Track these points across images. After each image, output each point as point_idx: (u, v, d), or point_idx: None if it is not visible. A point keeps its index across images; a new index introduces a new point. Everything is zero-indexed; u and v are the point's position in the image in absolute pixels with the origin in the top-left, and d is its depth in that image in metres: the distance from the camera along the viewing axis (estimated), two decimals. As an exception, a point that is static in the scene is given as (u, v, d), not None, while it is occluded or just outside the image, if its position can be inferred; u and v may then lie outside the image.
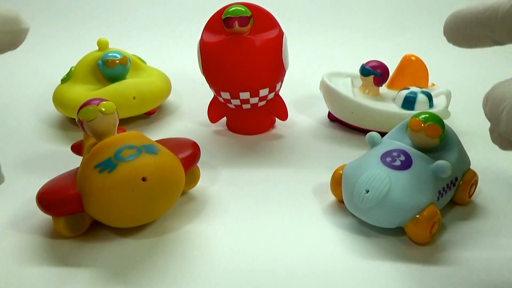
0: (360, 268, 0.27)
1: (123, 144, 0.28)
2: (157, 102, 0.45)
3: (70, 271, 0.27)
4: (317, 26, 0.73)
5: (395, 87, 0.44)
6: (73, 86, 0.43)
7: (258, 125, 0.43)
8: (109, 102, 0.30)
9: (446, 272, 0.26)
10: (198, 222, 0.31)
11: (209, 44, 0.37)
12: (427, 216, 0.27)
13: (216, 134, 0.43)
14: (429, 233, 0.28)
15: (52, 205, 0.28)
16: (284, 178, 0.36)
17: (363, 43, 0.67)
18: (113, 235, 0.29)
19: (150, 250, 0.28)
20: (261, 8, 0.38)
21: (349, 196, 0.29)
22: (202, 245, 0.29)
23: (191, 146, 0.33)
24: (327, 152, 0.40)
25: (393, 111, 0.40)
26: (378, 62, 0.42)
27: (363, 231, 0.30)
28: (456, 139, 0.32)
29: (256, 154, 0.40)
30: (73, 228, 0.29)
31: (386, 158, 0.29)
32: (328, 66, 0.48)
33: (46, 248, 0.28)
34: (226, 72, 0.37)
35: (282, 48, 0.37)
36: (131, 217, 0.28)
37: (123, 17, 0.75)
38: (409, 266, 0.27)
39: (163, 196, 0.29)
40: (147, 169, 0.27)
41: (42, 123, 0.45)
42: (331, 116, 0.44)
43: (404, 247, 0.28)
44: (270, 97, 0.39)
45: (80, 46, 0.52)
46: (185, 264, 0.27)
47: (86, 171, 0.28)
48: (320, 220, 0.31)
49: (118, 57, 0.42)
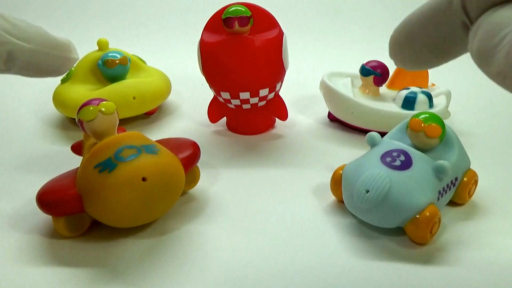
0: (360, 268, 0.27)
1: (123, 144, 0.28)
2: (157, 102, 0.45)
3: (70, 271, 0.27)
4: (317, 26, 0.73)
5: (395, 87, 0.44)
6: (73, 86, 0.43)
7: (258, 125, 0.43)
8: (109, 102, 0.30)
9: (446, 272, 0.26)
10: (198, 222, 0.31)
11: (209, 44, 0.37)
12: (427, 216, 0.27)
13: (216, 134, 0.43)
14: (429, 233, 0.28)
15: (52, 205, 0.28)
16: (284, 178, 0.36)
17: (363, 43, 0.67)
18: (113, 235, 0.29)
19: (150, 250, 0.28)
20: (261, 8, 0.38)
21: (349, 196, 0.29)
22: (202, 245, 0.29)
23: (191, 146, 0.33)
24: (327, 152, 0.40)
25: (393, 111, 0.40)
26: (378, 62, 0.42)
27: (363, 231, 0.30)
28: (456, 139, 0.32)
29: (256, 154, 0.40)
30: (73, 228, 0.29)
31: (386, 158, 0.29)
32: (328, 66, 0.48)
33: (46, 248, 0.28)
34: (226, 72, 0.37)
35: (282, 48, 0.37)
36: (131, 217, 0.28)
37: (123, 17, 0.75)
38: (409, 266, 0.27)
39: (163, 196, 0.29)
40: (147, 169, 0.27)
41: (42, 123, 0.45)
42: (331, 116, 0.44)
43: (404, 247, 0.28)
44: (270, 97, 0.39)
45: (80, 46, 0.52)
46: (185, 264, 0.27)
47: (86, 171, 0.28)
48: (320, 220, 0.31)
49: (118, 57, 0.42)
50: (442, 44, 0.16)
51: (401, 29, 0.17)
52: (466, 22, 0.15)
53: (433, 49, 0.16)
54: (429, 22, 0.16)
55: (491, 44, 0.13)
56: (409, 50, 0.17)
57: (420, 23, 0.16)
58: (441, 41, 0.16)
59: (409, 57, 0.17)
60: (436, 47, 0.16)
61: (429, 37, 0.16)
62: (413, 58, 0.17)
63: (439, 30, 0.16)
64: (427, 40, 0.16)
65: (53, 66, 0.18)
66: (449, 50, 0.16)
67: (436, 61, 0.17)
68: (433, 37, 0.16)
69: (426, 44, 0.16)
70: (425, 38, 0.16)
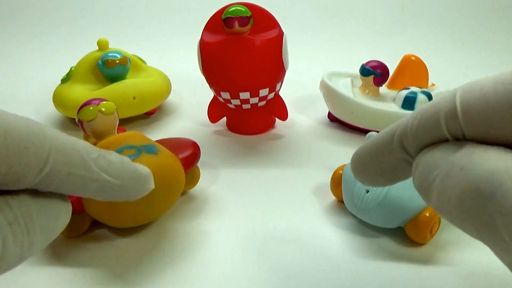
0: (360, 268, 0.27)
1: (123, 144, 0.28)
2: (157, 102, 0.45)
3: (70, 271, 0.27)
4: (317, 26, 0.73)
5: (395, 87, 0.44)
6: (73, 86, 0.43)
7: (258, 125, 0.43)
8: (109, 102, 0.30)
9: (446, 272, 0.26)
10: (198, 222, 0.31)
11: (209, 44, 0.37)
12: (427, 216, 0.27)
13: (216, 134, 0.43)
14: (429, 233, 0.28)
15: (52, 205, 0.28)
16: (284, 178, 0.36)
17: (363, 43, 0.68)
18: (113, 235, 0.29)
19: (150, 250, 0.28)
20: (261, 8, 0.38)
21: (349, 196, 0.29)
22: (202, 245, 0.29)
23: (191, 146, 0.33)
24: (327, 152, 0.40)
25: (393, 111, 0.40)
26: (378, 62, 0.42)
27: (363, 231, 0.30)
28: (456, 139, 0.31)
29: (256, 154, 0.40)
30: (73, 228, 0.29)
31: (386, 158, 0.29)
32: (328, 66, 0.48)
33: (46, 248, 0.28)
34: (226, 72, 0.37)
35: (282, 48, 0.37)
36: (131, 217, 0.28)
37: (123, 17, 0.75)
38: (409, 266, 0.27)
39: (163, 196, 0.29)
40: (147, 169, 0.27)
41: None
42: (331, 116, 0.44)
43: (404, 247, 0.28)
44: (270, 97, 0.39)
45: (80, 46, 0.52)
46: (185, 264, 0.27)
47: (86, 171, 0.28)
48: (320, 220, 0.31)
49: (118, 57, 0.42)
50: (391, 172, 0.18)
51: (356, 158, 0.19)
52: (407, 159, 0.17)
53: (384, 175, 0.18)
54: (376, 155, 0.18)
55: (426, 183, 0.15)
56: (363, 175, 0.19)
57: (369, 156, 0.18)
58: (390, 170, 0.18)
59: (365, 178, 0.19)
60: (386, 173, 0.18)
61: (378, 167, 0.18)
62: (368, 179, 0.19)
63: (386, 162, 0.17)
64: (378, 169, 0.18)
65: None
66: (398, 176, 0.18)
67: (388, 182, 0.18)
68: (382, 167, 0.18)
69: (377, 171, 0.18)
70: (376, 167, 0.18)
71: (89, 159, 0.16)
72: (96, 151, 0.16)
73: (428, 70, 0.44)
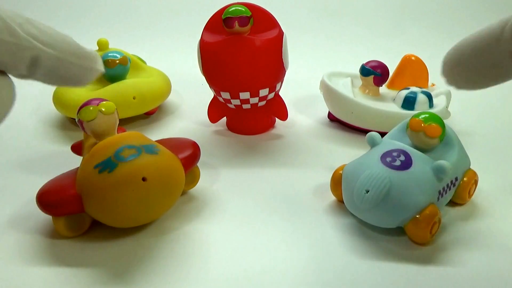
0: (360, 268, 0.27)
1: (123, 144, 0.28)
2: (157, 102, 0.45)
3: (70, 271, 0.27)
4: (317, 26, 0.73)
5: (395, 87, 0.44)
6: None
7: (258, 125, 0.43)
8: (109, 102, 0.30)
9: (446, 272, 0.26)
10: (198, 222, 0.31)
11: (209, 44, 0.37)
12: (427, 216, 0.27)
13: (216, 134, 0.43)
14: (429, 233, 0.28)
15: (52, 205, 0.28)
16: (284, 178, 0.36)
17: (363, 43, 0.68)
18: (113, 235, 0.29)
19: (150, 250, 0.28)
20: (261, 8, 0.38)
21: (349, 196, 0.29)
22: (202, 245, 0.29)
23: (191, 146, 0.33)
24: (327, 152, 0.40)
25: (393, 111, 0.40)
26: (378, 62, 0.42)
27: (363, 231, 0.30)
28: (456, 139, 0.32)
29: (256, 154, 0.40)
30: (73, 228, 0.29)
31: (386, 158, 0.29)
32: (328, 66, 0.48)
33: (46, 248, 0.28)
34: (226, 72, 0.37)
35: (282, 48, 0.37)
36: (131, 217, 0.28)
37: (123, 17, 0.75)
38: (409, 266, 0.27)
39: (163, 196, 0.29)
40: (147, 169, 0.27)
41: (42, 123, 0.45)
42: (331, 116, 0.44)
43: (404, 247, 0.28)
44: (270, 97, 0.39)
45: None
46: (185, 264, 0.27)
47: (86, 171, 0.28)
48: (320, 220, 0.31)
49: (118, 57, 0.42)
50: (490, 70, 0.17)
51: (453, 52, 0.17)
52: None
53: (482, 74, 0.17)
54: (479, 49, 0.16)
55: None
56: (459, 73, 0.17)
57: (470, 50, 0.17)
58: (490, 67, 0.16)
59: (459, 78, 0.18)
60: (485, 71, 0.17)
61: (478, 62, 0.17)
62: (463, 79, 0.17)
63: (488, 57, 0.16)
64: (477, 65, 0.17)
65: (76, 76, 0.18)
66: (497, 75, 0.17)
67: (485, 83, 0.17)
68: (483, 63, 0.16)
69: (475, 69, 0.17)
70: (475, 63, 0.17)
71: (13, 23, 0.15)
72: (23, 18, 0.15)
73: (428, 70, 0.44)
